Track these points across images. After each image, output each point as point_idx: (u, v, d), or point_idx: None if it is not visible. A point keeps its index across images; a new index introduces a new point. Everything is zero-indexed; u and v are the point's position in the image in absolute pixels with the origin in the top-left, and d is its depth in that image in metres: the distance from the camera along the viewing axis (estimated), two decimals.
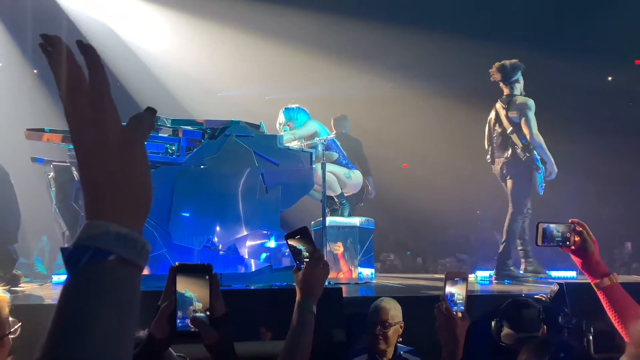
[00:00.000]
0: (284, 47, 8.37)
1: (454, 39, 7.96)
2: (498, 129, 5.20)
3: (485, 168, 5.63)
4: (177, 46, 8.66)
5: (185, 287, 1.33)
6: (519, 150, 5.03)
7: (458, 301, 1.66)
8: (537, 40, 8.12)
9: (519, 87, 5.17)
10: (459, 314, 1.64)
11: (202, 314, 1.32)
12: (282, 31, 8.26)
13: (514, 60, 5.19)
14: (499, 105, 5.23)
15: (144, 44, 8.70)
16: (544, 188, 5.11)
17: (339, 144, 5.21)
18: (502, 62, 5.22)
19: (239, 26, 8.34)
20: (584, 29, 7.95)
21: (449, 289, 1.66)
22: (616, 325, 1.68)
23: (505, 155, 5.12)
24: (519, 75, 5.16)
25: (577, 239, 1.71)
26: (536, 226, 1.74)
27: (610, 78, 9.40)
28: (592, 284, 1.72)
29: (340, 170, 5.04)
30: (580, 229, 1.72)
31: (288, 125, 5.13)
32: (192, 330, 1.30)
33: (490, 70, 5.27)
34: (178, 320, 1.31)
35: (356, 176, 5.17)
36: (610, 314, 1.71)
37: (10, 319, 1.96)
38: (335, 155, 5.01)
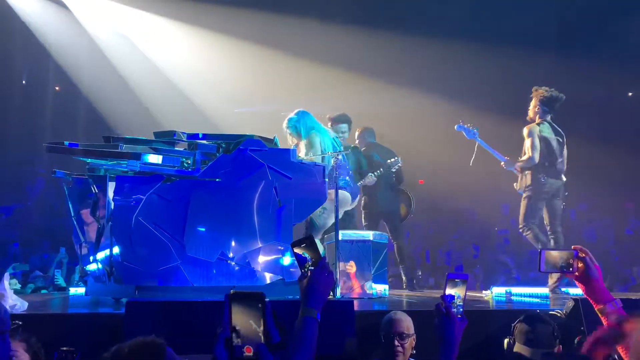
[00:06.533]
0: (297, 63, 8.47)
1: (472, 50, 8.00)
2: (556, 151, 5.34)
3: (504, 186, 5.68)
4: (196, 62, 8.82)
5: (240, 315, 1.41)
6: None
7: (457, 302, 1.70)
8: (559, 53, 8.12)
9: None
10: (458, 315, 1.70)
11: (257, 341, 1.40)
12: (296, 47, 8.37)
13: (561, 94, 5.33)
14: (545, 127, 5.33)
15: (165, 60, 8.88)
16: None
17: (346, 159, 5.07)
18: (555, 93, 5.31)
19: (257, 43, 8.47)
20: (606, 41, 7.93)
21: (449, 290, 1.71)
22: (620, 351, 1.70)
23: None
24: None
25: (580, 265, 1.73)
26: (539, 253, 1.78)
27: (630, 94, 9.31)
28: (596, 309, 1.76)
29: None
30: (583, 255, 1.75)
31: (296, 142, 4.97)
32: (249, 357, 1.38)
33: (538, 92, 5.34)
34: (235, 348, 1.39)
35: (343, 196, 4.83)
36: None
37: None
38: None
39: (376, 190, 5.92)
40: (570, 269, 1.74)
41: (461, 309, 1.72)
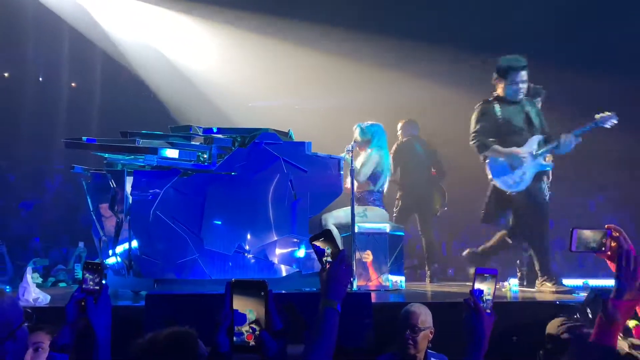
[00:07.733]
0: (312, 57, 8.45)
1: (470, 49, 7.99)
2: None
3: None
4: (210, 57, 8.84)
5: (242, 303, 1.41)
6: None
7: (486, 297, 1.68)
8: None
9: None
10: (487, 310, 1.67)
11: (259, 329, 1.39)
12: (311, 43, 8.34)
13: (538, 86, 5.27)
14: None
15: (179, 55, 8.92)
16: None
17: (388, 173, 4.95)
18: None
19: (271, 37, 8.46)
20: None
21: (478, 285, 1.68)
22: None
23: None
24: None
25: (613, 244, 1.68)
26: (570, 232, 1.72)
27: None
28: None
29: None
30: (617, 234, 1.69)
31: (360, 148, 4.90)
32: (251, 344, 1.38)
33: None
34: (235, 335, 1.38)
35: (375, 215, 4.80)
36: None
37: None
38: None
39: (415, 183, 6.03)
40: (603, 249, 1.69)
41: (490, 304, 1.69)
